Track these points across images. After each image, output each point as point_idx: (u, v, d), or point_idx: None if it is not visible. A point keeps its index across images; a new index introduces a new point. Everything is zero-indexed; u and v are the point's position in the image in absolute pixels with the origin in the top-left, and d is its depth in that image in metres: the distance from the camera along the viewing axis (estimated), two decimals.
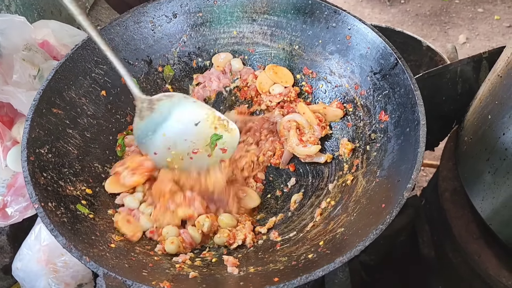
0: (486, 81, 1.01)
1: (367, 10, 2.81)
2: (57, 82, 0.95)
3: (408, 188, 0.72)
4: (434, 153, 1.96)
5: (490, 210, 0.94)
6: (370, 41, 0.95)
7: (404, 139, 0.84)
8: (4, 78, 1.15)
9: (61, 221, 0.79)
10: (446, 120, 1.21)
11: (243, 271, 0.79)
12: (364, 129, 0.95)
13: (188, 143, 0.94)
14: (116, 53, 0.91)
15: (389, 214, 0.71)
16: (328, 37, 1.01)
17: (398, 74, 0.88)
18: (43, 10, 1.50)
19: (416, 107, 0.82)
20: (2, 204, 1.11)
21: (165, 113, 0.93)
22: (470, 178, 1.00)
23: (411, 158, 0.77)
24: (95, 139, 1.00)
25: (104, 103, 1.03)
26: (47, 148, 0.89)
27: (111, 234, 0.85)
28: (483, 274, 1.01)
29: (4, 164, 1.13)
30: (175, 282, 0.73)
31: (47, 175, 0.85)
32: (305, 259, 0.76)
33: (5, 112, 1.18)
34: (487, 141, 0.91)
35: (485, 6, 2.77)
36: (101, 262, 0.73)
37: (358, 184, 0.88)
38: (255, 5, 1.06)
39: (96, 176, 0.96)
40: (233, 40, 1.10)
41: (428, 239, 1.20)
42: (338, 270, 1.02)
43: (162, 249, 0.86)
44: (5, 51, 1.16)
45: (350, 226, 0.79)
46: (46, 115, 0.91)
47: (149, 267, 0.79)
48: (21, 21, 1.18)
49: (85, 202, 0.88)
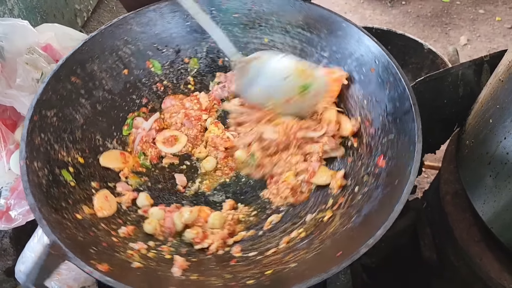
0: (487, 85, 1.01)
1: (368, 11, 2.81)
2: (82, 53, 0.98)
3: (369, 244, 0.69)
4: (435, 156, 1.96)
5: (492, 214, 0.94)
6: (392, 79, 0.90)
7: (389, 190, 0.80)
8: (7, 82, 1.15)
9: (38, 182, 0.80)
10: (447, 123, 1.21)
11: (186, 276, 0.78)
12: (360, 169, 0.92)
13: (280, 95, 0.99)
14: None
15: (337, 266, 0.68)
16: (354, 65, 0.98)
17: (408, 121, 0.84)
18: (46, 14, 1.50)
19: (411, 162, 0.77)
20: (6, 207, 1.11)
21: (256, 71, 0.99)
22: (471, 181, 1.00)
23: (386, 214, 0.73)
24: (105, 113, 1.02)
25: (124, 81, 1.05)
26: (54, 111, 0.91)
27: (84, 205, 0.86)
28: (485, 277, 1.01)
29: (7, 167, 1.14)
30: (115, 268, 0.72)
31: (44, 136, 0.87)
32: (244, 285, 0.75)
33: (8, 116, 1.19)
34: (489, 145, 0.92)
35: (487, 7, 2.77)
36: (56, 229, 0.73)
37: (333, 223, 0.85)
38: (291, 17, 1.05)
39: (94, 148, 0.98)
40: (263, 47, 1.10)
41: (430, 242, 1.20)
42: (340, 273, 1.02)
43: (127, 233, 0.86)
44: (8, 55, 1.17)
45: (302, 264, 0.76)
46: (63, 81, 0.94)
47: (101, 246, 0.79)
48: (24, 25, 1.19)
49: (73, 170, 0.90)
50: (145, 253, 0.83)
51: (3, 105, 1.14)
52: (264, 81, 1.00)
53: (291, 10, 1.04)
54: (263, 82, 1.00)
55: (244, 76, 1.00)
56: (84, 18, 1.78)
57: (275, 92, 1.00)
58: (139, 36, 1.06)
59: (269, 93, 1.00)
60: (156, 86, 1.11)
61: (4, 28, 1.15)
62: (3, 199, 1.12)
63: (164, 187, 1.01)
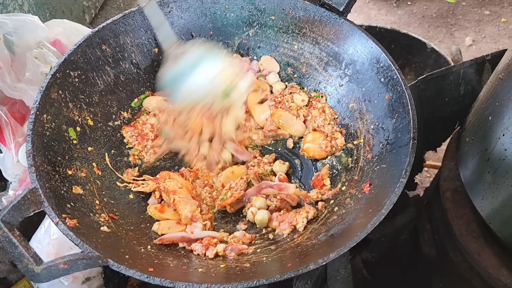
0: (487, 83, 1.02)
1: (374, 11, 2.82)
2: (118, 25, 1.03)
3: (318, 263, 0.70)
4: (438, 155, 1.96)
5: (490, 210, 0.95)
6: (402, 109, 0.91)
7: (360, 217, 0.81)
8: (16, 76, 1.17)
9: (42, 132, 0.85)
10: (448, 121, 1.23)
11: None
12: (346, 192, 0.93)
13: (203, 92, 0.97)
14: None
15: (280, 275, 0.69)
16: (372, 87, 0.99)
17: (401, 154, 0.85)
18: (55, 10, 1.53)
19: (391, 195, 0.77)
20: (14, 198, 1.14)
21: (190, 63, 0.97)
22: (470, 178, 1.01)
23: (346, 240, 0.74)
24: (126, 84, 1.07)
25: (152, 59, 1.10)
26: (78, 73, 0.97)
27: (78, 163, 0.91)
28: (483, 273, 1.02)
29: (16, 159, 1.16)
30: (82, 225, 0.77)
31: (62, 93, 0.92)
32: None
33: (17, 109, 1.21)
34: (488, 142, 0.93)
35: (492, 8, 2.77)
36: (41, 178, 0.77)
37: (302, 236, 0.87)
38: (324, 28, 1.07)
39: (107, 114, 1.03)
40: (292, 53, 1.13)
41: (429, 238, 1.21)
42: (340, 267, 1.04)
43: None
44: (18, 49, 1.19)
45: (257, 266, 0.79)
46: (93, 47, 1.00)
47: (80, 203, 0.84)
48: (34, 20, 1.21)
49: (80, 129, 0.95)
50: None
51: (12, 99, 1.16)
52: (193, 77, 0.96)
53: (326, 22, 1.06)
54: (192, 77, 0.96)
55: (173, 66, 0.97)
56: (92, 15, 1.80)
57: (199, 89, 0.97)
58: (176, 20, 1.10)
59: (194, 90, 0.97)
60: None
61: (14, 23, 1.17)
62: (11, 190, 1.15)
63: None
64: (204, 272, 0.76)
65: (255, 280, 0.67)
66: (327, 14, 1.04)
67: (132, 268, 0.68)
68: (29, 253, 0.62)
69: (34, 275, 0.60)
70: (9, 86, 1.14)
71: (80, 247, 0.69)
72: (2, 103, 1.17)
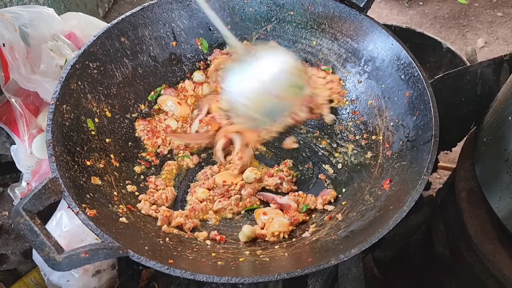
0: (507, 83, 1.01)
1: (385, 11, 2.81)
2: (136, 18, 1.04)
3: (339, 258, 0.70)
4: (448, 156, 1.95)
5: (507, 210, 0.94)
6: (423, 107, 0.90)
7: (381, 215, 0.80)
8: (31, 68, 1.17)
9: (62, 122, 0.86)
10: (464, 121, 1.22)
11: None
12: (365, 189, 0.92)
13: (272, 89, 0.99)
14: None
15: (301, 269, 0.69)
16: (392, 84, 0.98)
17: (423, 151, 0.84)
18: (70, 3, 1.53)
19: (412, 192, 0.77)
20: (27, 189, 1.14)
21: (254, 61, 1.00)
22: (488, 178, 1.00)
23: (366, 237, 0.73)
24: (144, 77, 1.07)
25: (170, 52, 1.11)
26: (96, 64, 0.97)
27: (97, 154, 0.91)
28: (498, 274, 1.01)
29: (29, 151, 1.16)
30: (101, 216, 0.77)
31: (81, 84, 0.93)
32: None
33: (31, 101, 1.21)
34: (507, 142, 0.92)
35: (505, 10, 2.75)
36: (61, 168, 0.78)
37: (320, 232, 0.87)
38: (343, 24, 1.06)
39: (124, 106, 1.03)
40: (310, 49, 1.12)
41: (443, 238, 1.20)
42: (352, 265, 1.03)
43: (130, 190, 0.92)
44: (33, 41, 1.19)
45: (276, 260, 0.79)
46: (112, 39, 1.01)
47: (98, 194, 0.84)
48: (50, 13, 1.21)
49: (98, 120, 0.96)
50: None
51: (26, 90, 1.16)
52: (257, 74, 0.99)
53: (345, 18, 1.05)
54: (256, 74, 0.99)
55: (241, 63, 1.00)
56: (106, 9, 1.80)
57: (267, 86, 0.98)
58: (195, 14, 1.11)
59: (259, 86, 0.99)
60: (200, 64, 1.14)
61: (30, 15, 1.17)
62: (24, 182, 1.15)
63: None
64: (224, 265, 0.76)
65: (276, 274, 0.66)
66: (347, 10, 1.04)
67: (153, 259, 0.68)
68: (51, 241, 0.62)
69: (55, 264, 0.60)
70: (24, 78, 1.13)
71: (101, 237, 0.69)
72: (17, 95, 1.17)
